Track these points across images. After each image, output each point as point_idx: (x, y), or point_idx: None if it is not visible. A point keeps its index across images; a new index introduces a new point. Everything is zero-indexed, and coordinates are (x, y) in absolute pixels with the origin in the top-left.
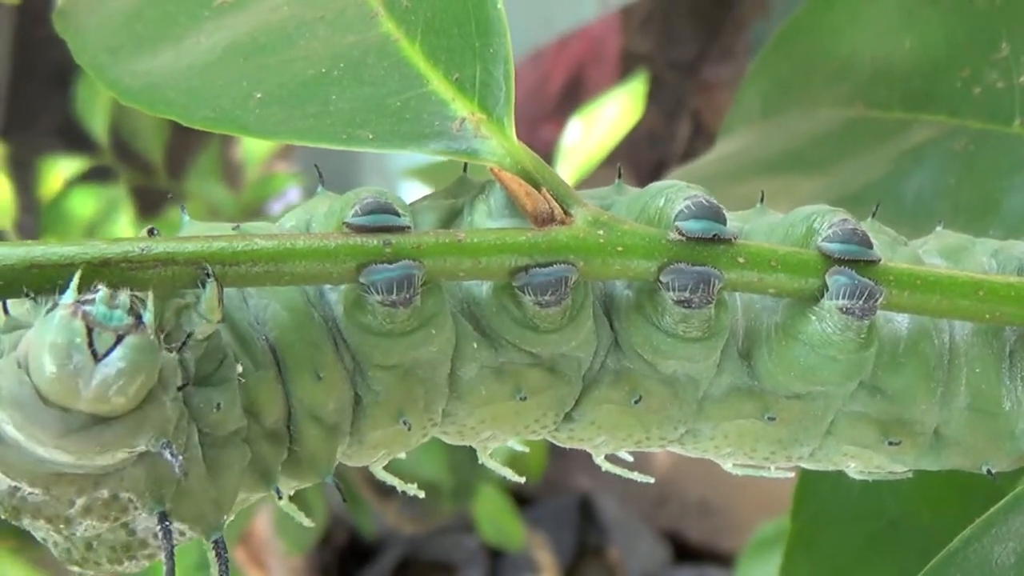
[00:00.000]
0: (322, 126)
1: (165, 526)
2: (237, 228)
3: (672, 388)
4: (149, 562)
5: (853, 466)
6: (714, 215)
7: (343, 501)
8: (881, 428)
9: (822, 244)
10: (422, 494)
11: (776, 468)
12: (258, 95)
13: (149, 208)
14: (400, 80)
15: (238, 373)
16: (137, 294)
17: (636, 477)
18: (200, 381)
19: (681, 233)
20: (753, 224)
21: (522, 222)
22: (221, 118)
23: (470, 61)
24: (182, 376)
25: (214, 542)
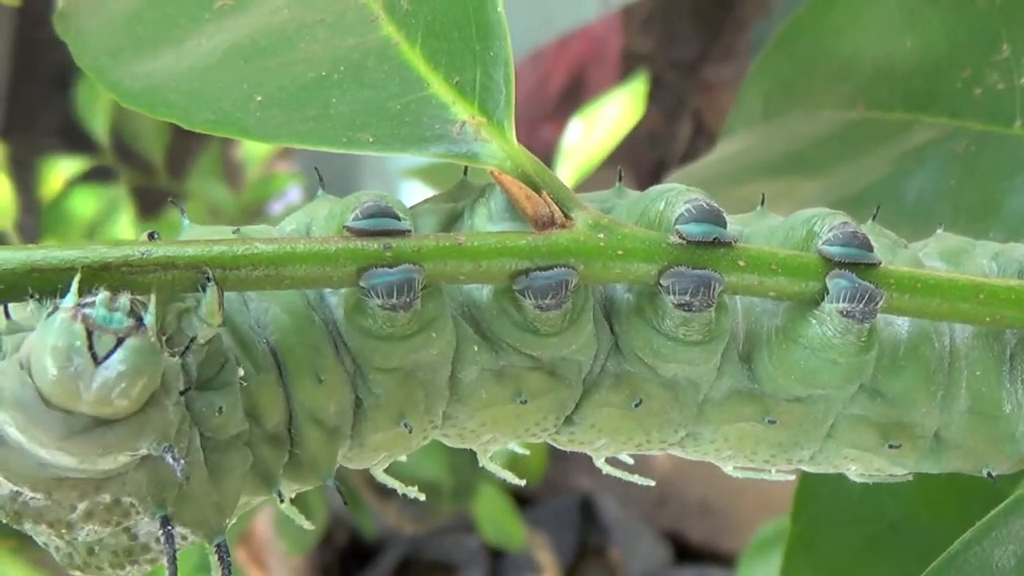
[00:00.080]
0: (322, 129)
1: (167, 530)
2: (237, 232)
3: (672, 391)
4: (151, 566)
5: (853, 469)
6: (714, 218)
7: (344, 504)
8: (881, 431)
9: (822, 247)
10: (422, 497)
11: (776, 471)
12: (258, 98)
13: (150, 208)
14: (400, 83)
15: (239, 377)
16: (138, 297)
17: (637, 480)
18: (202, 385)
19: (682, 236)
20: (753, 227)
21: (522, 225)
22: (222, 121)
23: (470, 64)
24: (184, 380)
25: (216, 546)
